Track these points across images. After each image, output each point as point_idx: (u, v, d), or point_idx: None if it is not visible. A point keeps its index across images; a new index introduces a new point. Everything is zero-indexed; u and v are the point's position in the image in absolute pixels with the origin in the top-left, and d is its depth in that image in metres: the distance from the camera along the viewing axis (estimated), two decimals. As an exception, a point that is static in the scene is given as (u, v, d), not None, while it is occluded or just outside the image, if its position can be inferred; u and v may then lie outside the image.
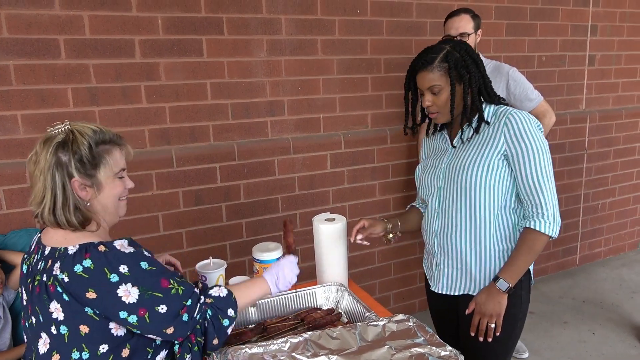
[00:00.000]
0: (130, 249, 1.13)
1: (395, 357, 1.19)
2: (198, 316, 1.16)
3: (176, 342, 1.19)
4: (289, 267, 1.38)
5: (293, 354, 1.21)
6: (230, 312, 1.22)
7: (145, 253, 1.16)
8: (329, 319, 1.59)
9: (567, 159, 3.66)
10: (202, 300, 1.19)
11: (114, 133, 1.21)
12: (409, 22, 2.81)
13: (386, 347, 1.23)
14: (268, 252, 1.72)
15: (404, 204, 2.95)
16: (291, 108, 2.60)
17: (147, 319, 1.10)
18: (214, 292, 1.24)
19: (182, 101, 2.34)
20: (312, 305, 1.71)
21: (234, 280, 1.73)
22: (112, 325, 1.12)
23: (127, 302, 1.08)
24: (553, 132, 3.49)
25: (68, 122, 1.16)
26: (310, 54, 2.59)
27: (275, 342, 1.26)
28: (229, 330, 1.22)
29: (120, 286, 1.07)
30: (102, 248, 1.10)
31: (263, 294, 1.34)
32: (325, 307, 1.69)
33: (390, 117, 2.88)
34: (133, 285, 1.08)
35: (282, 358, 1.20)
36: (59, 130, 1.15)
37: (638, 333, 2.89)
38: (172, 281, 1.15)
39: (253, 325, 1.57)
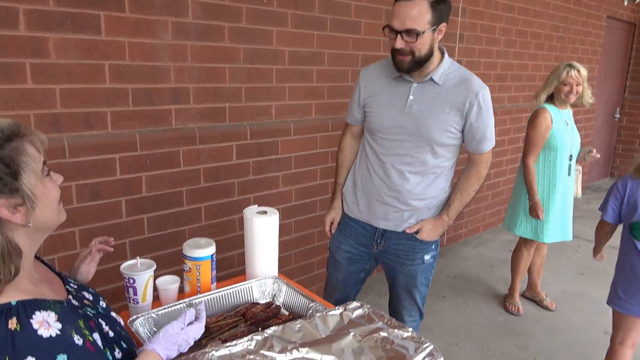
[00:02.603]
0: (55, 331, 0.84)
1: (362, 343, 1.24)
2: None
3: None
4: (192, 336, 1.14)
5: (263, 352, 1.18)
6: None
7: (75, 339, 0.87)
8: (269, 312, 1.57)
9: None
10: None
11: (11, 122, 0.90)
12: (312, 17, 2.85)
13: (351, 334, 1.26)
14: (201, 249, 1.63)
15: (304, 195, 3.01)
16: (197, 96, 2.47)
17: None
18: None
19: (76, 83, 2.07)
20: (248, 300, 1.67)
21: (162, 280, 1.60)
22: None
23: None
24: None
25: None
26: (217, 40, 2.48)
27: (238, 341, 1.21)
28: None
29: None
30: (12, 324, 0.80)
31: None
32: (262, 301, 1.67)
33: (293, 109, 2.90)
34: None
35: (251, 357, 1.16)
36: None
37: (501, 301, 3.38)
38: None
39: (194, 327, 1.47)
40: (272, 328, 1.28)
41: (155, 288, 1.58)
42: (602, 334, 2.99)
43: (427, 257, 1.92)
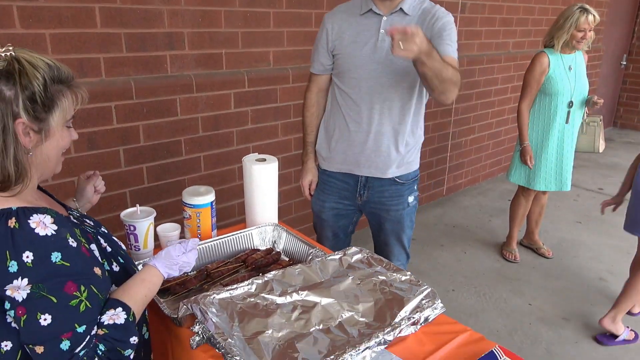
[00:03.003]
0: (50, 230, 0.90)
1: (361, 287, 1.25)
2: (82, 352, 0.89)
3: None
4: (190, 259, 1.17)
5: (263, 295, 1.20)
6: (133, 339, 0.97)
7: (69, 241, 0.92)
8: (269, 258, 1.58)
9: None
10: (93, 332, 0.92)
11: (70, 71, 0.98)
12: (310, -44, 2.73)
13: (350, 278, 1.28)
14: (200, 196, 1.62)
15: (304, 144, 2.99)
16: (191, 41, 2.39)
17: (21, 323, 0.87)
18: (107, 319, 0.94)
19: (66, 28, 2.00)
20: (249, 247, 1.68)
21: (163, 227, 1.61)
22: (10, 318, 0.91)
23: (12, 297, 0.86)
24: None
25: (11, 47, 0.91)
26: (211, -19, 2.38)
27: (239, 285, 1.23)
28: (131, 357, 0.99)
29: (14, 280, 0.85)
30: (12, 223, 0.87)
31: (158, 287, 1.11)
32: (262, 248, 1.68)
33: (291, 55, 2.82)
34: (28, 283, 0.86)
35: (252, 300, 1.18)
36: None
37: (498, 249, 3.43)
38: (82, 289, 0.91)
39: (195, 272, 1.49)
40: (273, 272, 1.29)
41: (156, 237, 1.59)
42: (597, 280, 3.05)
43: (411, 199, 1.93)
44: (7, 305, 0.88)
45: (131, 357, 0.97)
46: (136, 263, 1.20)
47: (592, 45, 2.86)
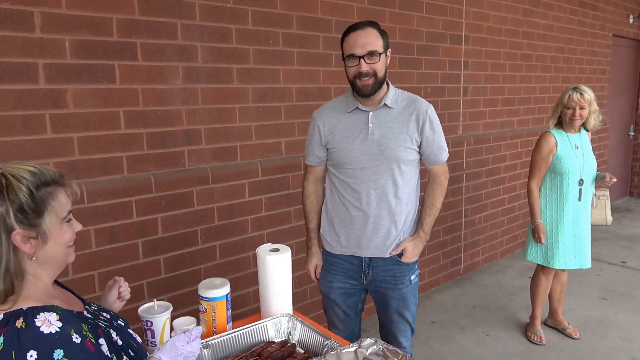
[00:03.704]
0: (55, 328, 0.94)
1: (377, 381, 1.23)
2: None
3: None
4: (194, 348, 1.18)
5: (278, 393, 1.18)
6: None
7: (73, 337, 0.96)
8: (284, 351, 1.57)
9: (450, 179, 4.05)
10: None
11: (54, 171, 1.05)
12: (317, 54, 2.94)
13: (365, 372, 1.26)
14: (216, 289, 1.65)
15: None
16: (208, 137, 2.54)
17: None
18: None
19: (93, 131, 2.15)
20: (264, 339, 1.67)
21: (179, 322, 1.62)
22: None
23: None
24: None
25: None
26: (226, 82, 2.57)
27: (253, 383, 1.22)
28: None
29: None
30: (19, 323, 0.92)
31: None
32: (277, 340, 1.67)
33: (302, 144, 2.95)
34: None
35: (266, 399, 1.17)
36: None
37: (523, 330, 3.31)
38: None
39: (210, 368, 1.48)
40: (287, 368, 1.28)
41: (172, 329, 1.60)
42: (630, 361, 2.90)
43: (413, 277, 2.01)
44: None
45: None
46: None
47: (597, 123, 2.94)
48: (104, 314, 1.20)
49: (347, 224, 1.96)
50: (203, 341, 1.53)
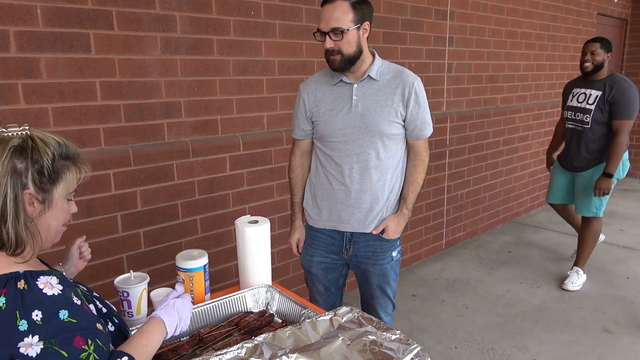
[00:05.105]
0: (57, 290, 0.97)
1: (351, 347, 1.25)
2: None
3: None
4: (189, 309, 1.28)
5: (252, 359, 1.20)
6: None
7: (74, 299, 0.99)
8: (262, 320, 1.58)
9: (432, 155, 4.03)
10: None
11: (76, 149, 1.09)
12: (300, 26, 2.89)
13: (340, 338, 1.28)
14: (193, 260, 1.65)
15: (300, 203, 3.03)
16: (188, 109, 2.50)
17: None
18: None
19: (68, 102, 2.10)
20: (242, 309, 1.68)
21: (157, 292, 1.62)
22: None
23: (24, 354, 0.91)
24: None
25: (27, 126, 1.02)
26: (206, 54, 2.52)
27: (229, 349, 1.23)
28: None
29: (25, 339, 0.91)
30: (21, 285, 0.95)
31: (161, 341, 1.18)
32: (255, 310, 1.68)
33: (285, 118, 2.93)
34: (40, 339, 0.92)
35: (242, 365, 1.18)
36: (14, 133, 0.99)
37: (499, 302, 3.38)
38: (89, 343, 0.96)
39: (187, 337, 1.49)
40: (263, 335, 1.29)
41: (150, 302, 1.60)
42: (602, 332, 2.99)
43: (394, 254, 2.00)
44: None
45: None
46: (130, 329, 1.22)
47: None
48: (81, 286, 1.20)
49: (329, 197, 1.95)
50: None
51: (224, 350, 1.22)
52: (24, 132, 1.02)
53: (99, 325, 1.01)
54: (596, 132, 3.36)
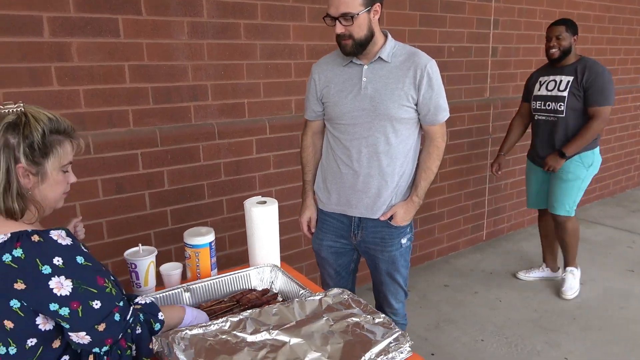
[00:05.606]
0: (68, 241, 1.08)
1: (334, 327, 1.25)
2: (131, 319, 1.14)
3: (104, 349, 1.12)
4: (204, 319, 1.38)
5: (234, 332, 1.23)
6: (161, 315, 1.23)
7: (83, 248, 1.12)
8: (264, 299, 1.61)
9: (473, 143, 3.95)
10: (131, 306, 1.18)
11: (69, 124, 1.16)
12: (330, 10, 2.86)
13: (324, 319, 1.28)
14: (200, 237, 1.70)
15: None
16: (215, 93, 2.56)
17: (80, 313, 1.05)
18: (139, 300, 1.25)
19: (98, 84, 2.22)
20: (246, 287, 1.72)
21: (165, 267, 1.69)
22: (39, 320, 1.06)
23: (58, 295, 1.03)
24: (461, 118, 3.76)
25: (22, 104, 1.10)
26: (233, 38, 2.56)
27: (215, 322, 1.27)
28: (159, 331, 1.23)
29: (52, 278, 1.03)
30: (35, 238, 1.05)
31: (179, 321, 1.31)
32: (259, 288, 1.71)
33: (313, 103, 2.92)
34: (67, 278, 1.04)
35: (223, 337, 1.21)
36: (10, 110, 1.08)
37: (537, 298, 3.23)
38: (107, 281, 1.12)
39: (188, 310, 1.55)
40: (249, 311, 1.32)
41: (160, 276, 1.67)
42: (647, 334, 2.79)
43: (404, 241, 1.94)
44: (54, 306, 1.03)
45: (159, 333, 1.21)
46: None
47: None
48: None
49: (338, 181, 1.93)
50: (184, 285, 1.60)
51: (209, 322, 1.26)
52: (18, 109, 1.09)
53: (104, 268, 1.16)
54: (573, 121, 2.97)
